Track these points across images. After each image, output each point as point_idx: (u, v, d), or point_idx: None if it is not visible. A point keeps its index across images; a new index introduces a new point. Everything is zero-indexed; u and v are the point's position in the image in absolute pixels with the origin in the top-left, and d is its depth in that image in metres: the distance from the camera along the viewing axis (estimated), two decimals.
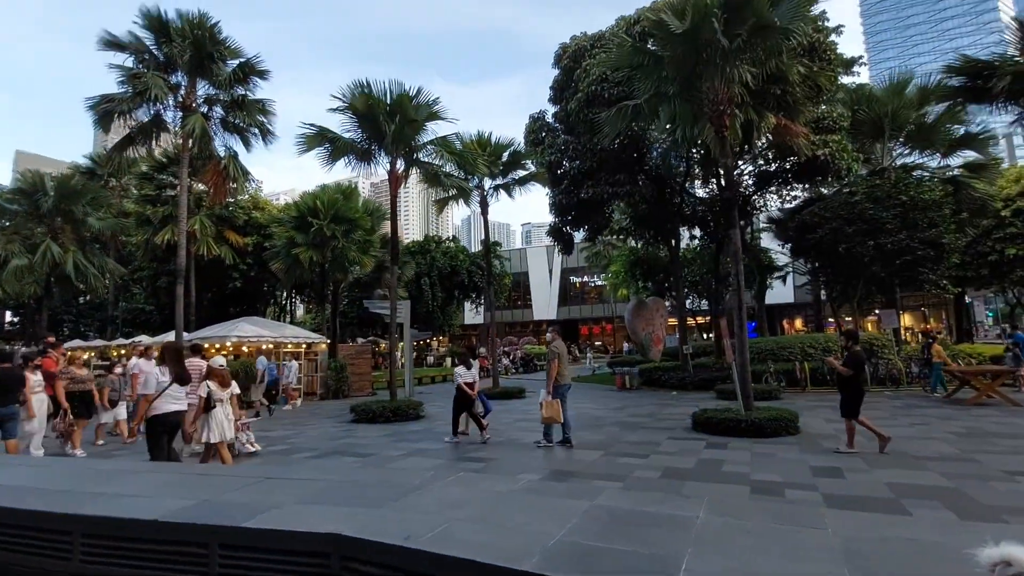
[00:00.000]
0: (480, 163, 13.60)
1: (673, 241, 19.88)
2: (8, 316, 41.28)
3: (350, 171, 13.73)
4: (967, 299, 31.60)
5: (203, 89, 16.73)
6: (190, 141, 15.77)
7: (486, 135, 17.33)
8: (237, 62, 16.45)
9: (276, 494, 3.82)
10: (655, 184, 19.11)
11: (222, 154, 17.06)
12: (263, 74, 16.74)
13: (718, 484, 5.56)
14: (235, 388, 7.72)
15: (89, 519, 3.38)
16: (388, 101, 12.15)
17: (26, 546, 3.50)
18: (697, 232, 25.39)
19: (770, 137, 14.85)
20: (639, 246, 28.19)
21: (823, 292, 29.66)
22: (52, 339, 10.50)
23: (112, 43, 15.03)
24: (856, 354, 7.41)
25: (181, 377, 6.55)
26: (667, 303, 27.52)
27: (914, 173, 19.49)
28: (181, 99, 16.03)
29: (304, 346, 18.40)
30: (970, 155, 19.86)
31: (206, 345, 16.69)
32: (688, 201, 20.33)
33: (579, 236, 23.55)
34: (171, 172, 22.60)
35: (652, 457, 7.09)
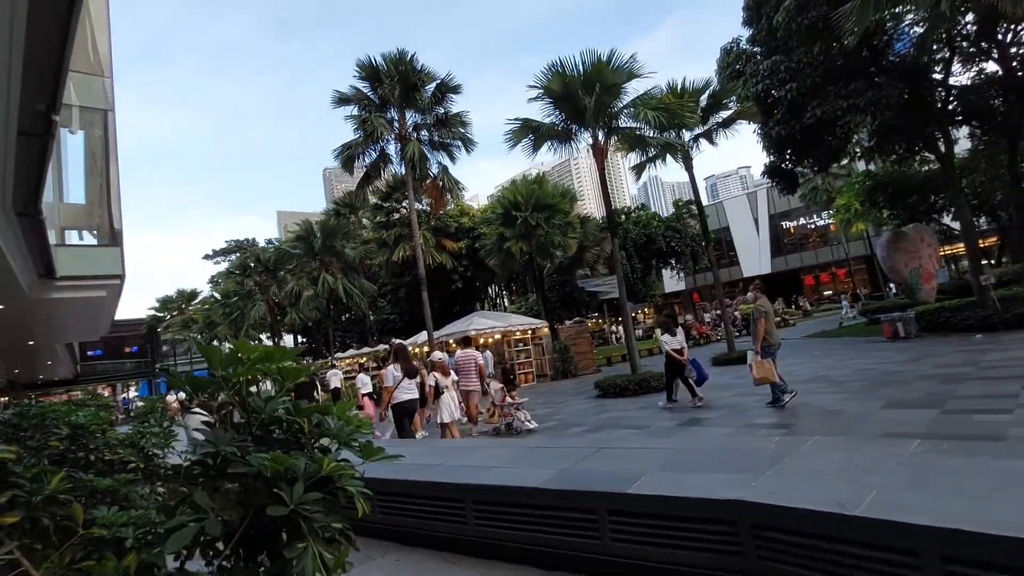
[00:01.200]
0: (686, 113, 12.51)
1: (943, 147, 15.76)
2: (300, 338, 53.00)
3: (552, 155, 13.97)
4: None
5: (410, 118, 18.86)
6: (411, 165, 17.91)
7: (677, 84, 15.96)
8: (433, 85, 18.12)
9: (625, 463, 3.81)
10: (904, 82, 15.34)
11: (435, 171, 19.05)
12: (456, 89, 18.14)
13: None
14: (454, 376, 8.48)
15: (478, 488, 3.79)
16: (581, 73, 11.93)
17: (431, 513, 4.10)
18: (961, 134, 19.96)
19: None
20: (882, 166, 23.19)
21: None
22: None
23: (341, 99, 17.84)
24: None
25: (410, 371, 7.46)
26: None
27: None
28: (397, 131, 18.28)
29: (529, 331, 19.53)
30: None
31: (451, 342, 18.84)
32: (952, 94, 15.91)
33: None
34: (394, 198, 26.20)
35: (1019, 411, 5.51)
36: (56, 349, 19.86)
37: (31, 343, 15.84)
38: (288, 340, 42.85)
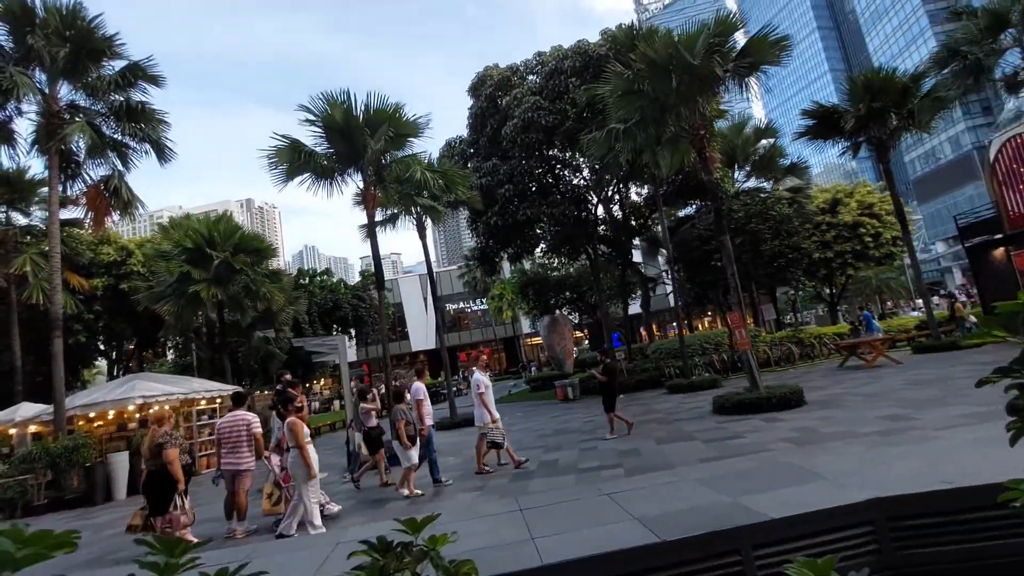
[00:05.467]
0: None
1: (593, 255, 21.48)
2: None
3: (304, 189, 12.23)
4: (777, 295, 39.58)
5: (67, 94, 13.48)
6: (62, 155, 12.51)
7: (423, 159, 16.89)
8: (122, 64, 13.65)
9: (675, 501, 3.50)
10: (574, 205, 20.57)
11: (98, 174, 13.89)
12: (156, 80, 14.09)
13: (838, 443, 6.47)
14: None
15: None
16: (364, 113, 11.32)
17: None
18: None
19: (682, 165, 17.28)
20: (531, 268, 29.77)
21: (678, 298, 34.63)
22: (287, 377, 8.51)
23: None
24: (609, 365, 10.49)
25: None
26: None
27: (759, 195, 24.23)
28: (44, 106, 12.65)
29: (218, 400, 15.45)
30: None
31: (94, 413, 13.22)
32: (600, 221, 22.27)
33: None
34: None
35: (735, 441, 7.74)
36: None
37: None
38: None
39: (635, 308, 33.41)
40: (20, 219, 19.34)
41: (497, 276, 40.40)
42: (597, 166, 19.00)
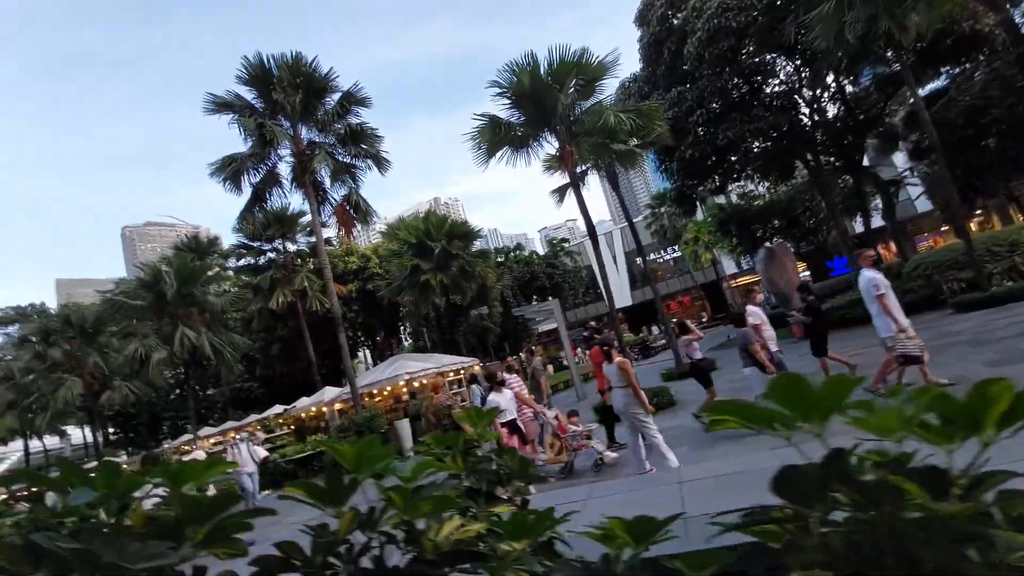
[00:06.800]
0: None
1: (816, 166, 18.33)
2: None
3: (503, 163, 12.62)
4: None
5: (305, 134, 16.09)
6: (314, 185, 15.05)
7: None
8: (336, 96, 15.76)
9: None
10: (781, 114, 17.66)
11: (340, 195, 16.40)
12: (364, 102, 15.98)
13: None
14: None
15: None
16: (551, 71, 11.09)
17: None
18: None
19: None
20: (729, 202, 26.78)
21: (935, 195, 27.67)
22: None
23: (219, 104, 14.46)
24: (812, 303, 8.44)
25: None
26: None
27: None
28: (293, 147, 15.34)
29: (462, 371, 17.37)
30: None
31: (375, 390, 15.75)
32: (819, 128, 18.80)
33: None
34: (266, 236, 22.08)
35: None
36: None
37: None
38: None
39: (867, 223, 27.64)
40: (290, 246, 24.35)
41: (690, 219, 37.76)
42: (798, 63, 15.96)
